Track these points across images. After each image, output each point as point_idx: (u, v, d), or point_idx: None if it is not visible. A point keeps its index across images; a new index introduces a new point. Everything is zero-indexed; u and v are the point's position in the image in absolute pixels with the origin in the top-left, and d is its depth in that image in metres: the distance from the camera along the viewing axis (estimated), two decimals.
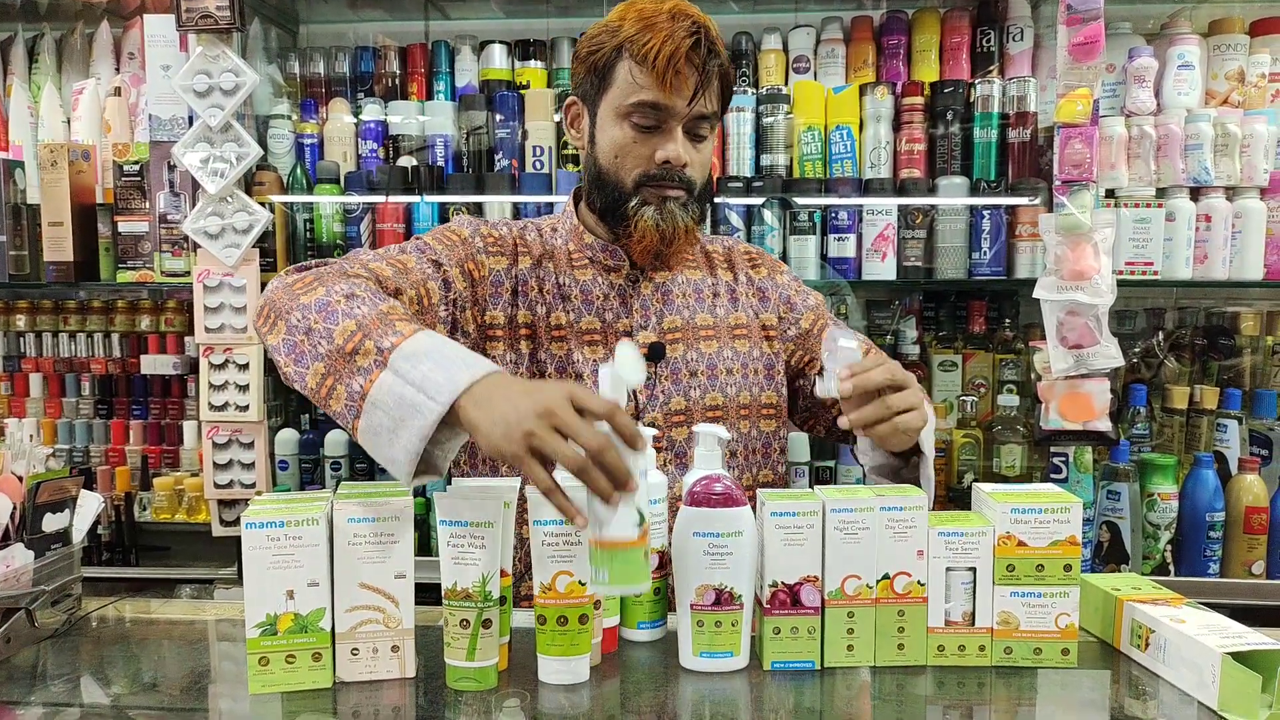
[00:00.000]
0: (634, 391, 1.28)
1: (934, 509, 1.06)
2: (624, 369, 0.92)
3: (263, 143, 2.19)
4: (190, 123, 2.09)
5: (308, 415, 2.36)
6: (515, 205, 2.15)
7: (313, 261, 1.20)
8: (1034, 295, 1.89)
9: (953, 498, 2.14)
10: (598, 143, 1.29)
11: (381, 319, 1.02)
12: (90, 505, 1.28)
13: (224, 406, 2.11)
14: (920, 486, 1.21)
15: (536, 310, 1.30)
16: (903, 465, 1.29)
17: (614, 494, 0.87)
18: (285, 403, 2.34)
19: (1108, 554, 2.00)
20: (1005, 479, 2.08)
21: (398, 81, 2.31)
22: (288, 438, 2.22)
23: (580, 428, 0.88)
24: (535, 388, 0.92)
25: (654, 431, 1.13)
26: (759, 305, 1.40)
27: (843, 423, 1.12)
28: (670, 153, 1.24)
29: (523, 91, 2.21)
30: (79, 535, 1.26)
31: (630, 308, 1.32)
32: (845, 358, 1.11)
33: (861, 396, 1.11)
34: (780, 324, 1.40)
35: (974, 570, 1.03)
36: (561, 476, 0.92)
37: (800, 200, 2.08)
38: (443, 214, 2.16)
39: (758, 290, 1.41)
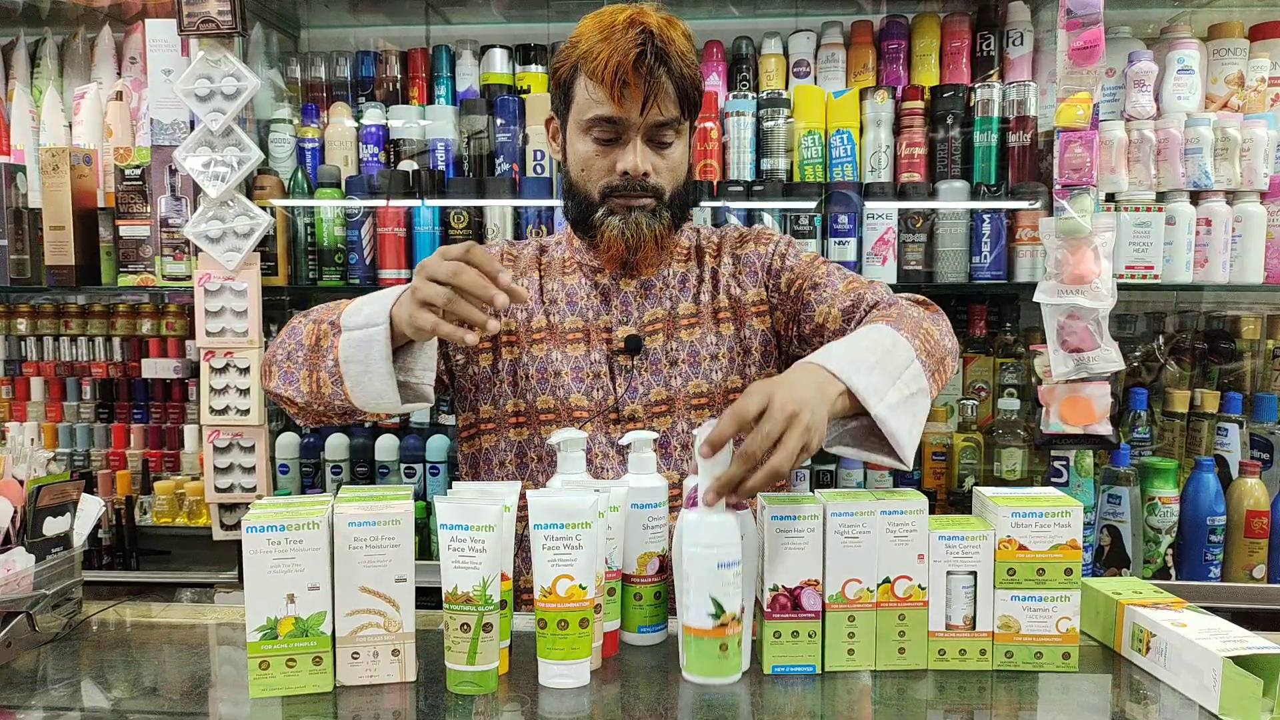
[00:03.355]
0: (614, 384, 1.31)
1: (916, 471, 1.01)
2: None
3: (264, 147, 2.20)
4: (192, 127, 2.09)
5: None
6: (516, 210, 2.15)
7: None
8: (1034, 299, 1.89)
9: (953, 501, 2.14)
10: (568, 156, 1.33)
11: (330, 309, 1.19)
12: (91, 509, 1.28)
13: (225, 410, 2.11)
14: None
15: (517, 316, 1.35)
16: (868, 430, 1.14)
17: (481, 321, 1.04)
18: None
19: (1109, 558, 2.00)
20: (1006, 483, 2.07)
21: (399, 86, 2.31)
22: (288, 441, 2.22)
23: (438, 266, 1.04)
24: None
25: (655, 434, 1.13)
26: (747, 281, 1.37)
27: (707, 499, 0.96)
28: (628, 164, 1.25)
29: (523, 96, 2.22)
30: (79, 539, 1.26)
31: (611, 305, 1.34)
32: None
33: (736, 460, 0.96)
34: (771, 293, 1.37)
35: (975, 574, 1.03)
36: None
37: (823, 204, 2.08)
38: (443, 218, 2.17)
39: (745, 266, 1.38)
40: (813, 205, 2.07)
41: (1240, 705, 0.91)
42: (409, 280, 2.22)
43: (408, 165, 2.21)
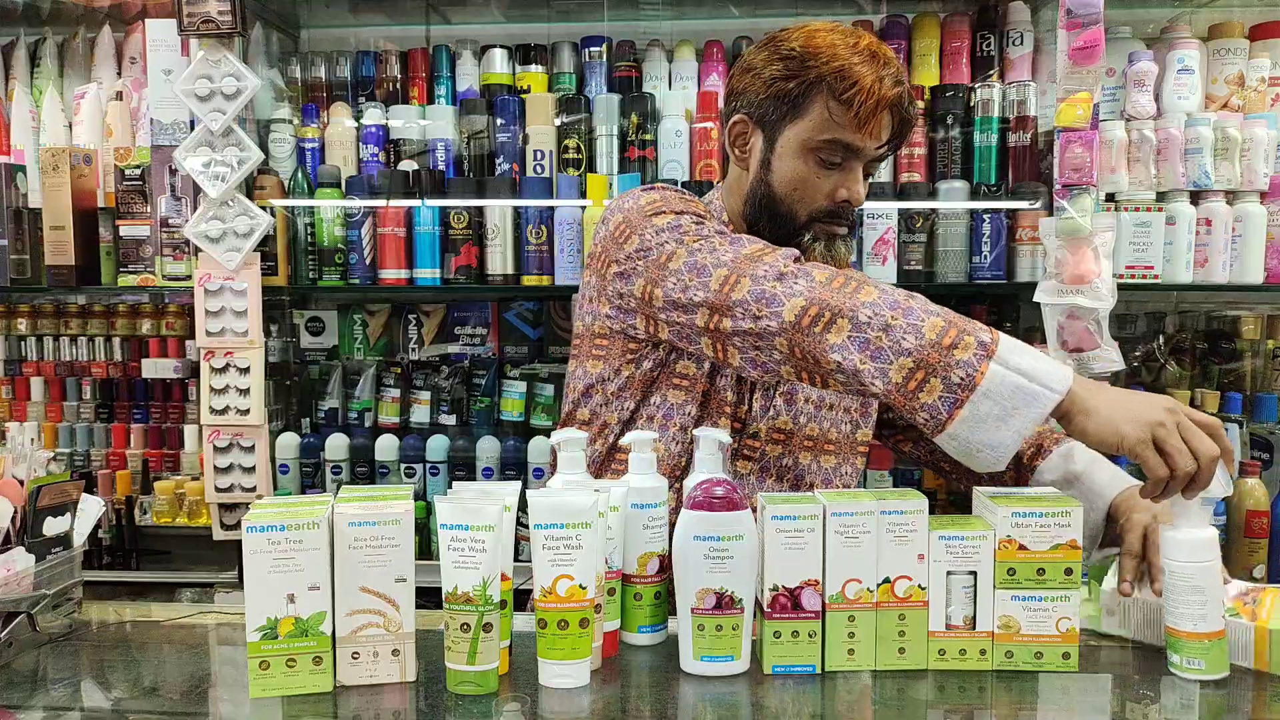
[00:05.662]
0: (750, 397, 1.27)
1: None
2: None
3: (264, 147, 2.20)
4: (192, 127, 2.09)
5: (308, 419, 2.36)
6: (516, 209, 2.15)
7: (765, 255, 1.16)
8: (1034, 299, 1.89)
9: (953, 501, 2.14)
10: (774, 169, 1.27)
11: (961, 318, 1.09)
12: (91, 509, 1.28)
13: (225, 410, 2.11)
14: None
15: None
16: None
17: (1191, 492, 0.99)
18: (286, 406, 2.34)
19: None
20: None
21: (399, 86, 2.31)
22: (288, 441, 2.22)
23: (1203, 438, 0.99)
24: (1144, 393, 1.04)
25: (654, 435, 1.13)
26: None
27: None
28: (853, 194, 1.25)
29: (523, 96, 2.22)
30: (80, 539, 1.26)
31: None
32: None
33: None
34: None
35: (975, 574, 1.02)
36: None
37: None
38: (443, 218, 2.17)
39: None
40: None
41: None
42: (410, 280, 2.15)
43: (408, 165, 2.21)
